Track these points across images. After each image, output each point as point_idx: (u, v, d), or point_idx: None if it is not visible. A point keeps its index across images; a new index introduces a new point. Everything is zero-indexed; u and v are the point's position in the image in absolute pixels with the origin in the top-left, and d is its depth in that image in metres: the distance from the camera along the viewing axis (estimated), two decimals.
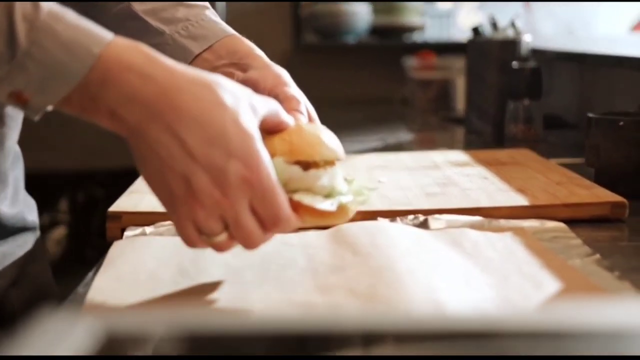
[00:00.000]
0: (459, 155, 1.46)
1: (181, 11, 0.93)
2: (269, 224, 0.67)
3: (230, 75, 0.85)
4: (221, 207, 0.64)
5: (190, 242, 0.67)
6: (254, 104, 0.67)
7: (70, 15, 0.62)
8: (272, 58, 0.91)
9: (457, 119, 2.15)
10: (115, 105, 0.62)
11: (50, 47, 0.60)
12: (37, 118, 0.64)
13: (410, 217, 0.99)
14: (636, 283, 0.75)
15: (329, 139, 0.76)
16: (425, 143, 1.90)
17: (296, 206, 0.72)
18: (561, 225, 0.97)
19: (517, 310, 0.68)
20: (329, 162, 0.75)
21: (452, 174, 1.29)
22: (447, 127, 2.16)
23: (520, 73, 1.72)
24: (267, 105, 0.71)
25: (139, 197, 1.11)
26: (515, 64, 1.73)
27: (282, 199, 0.67)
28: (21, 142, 1.00)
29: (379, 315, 0.44)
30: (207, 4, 0.97)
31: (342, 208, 0.76)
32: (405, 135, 2.05)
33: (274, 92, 0.83)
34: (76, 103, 0.62)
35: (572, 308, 0.45)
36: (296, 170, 0.72)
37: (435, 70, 2.43)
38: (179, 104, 0.62)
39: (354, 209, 0.78)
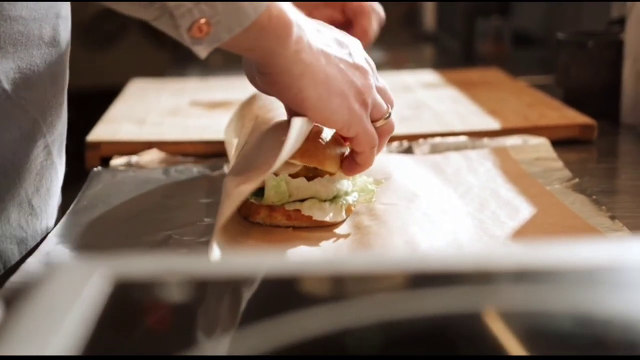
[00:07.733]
0: (429, 76, 1.48)
1: None
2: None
3: None
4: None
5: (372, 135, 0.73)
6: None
7: None
8: None
9: (427, 36, 2.16)
10: (267, 51, 0.69)
11: None
12: (205, 55, 0.66)
13: (395, 144, 1.01)
14: (608, 206, 0.78)
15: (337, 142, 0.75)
16: (396, 61, 1.90)
17: (302, 217, 0.73)
18: (543, 141, 0.99)
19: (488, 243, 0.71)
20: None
21: (423, 96, 1.31)
22: (416, 44, 2.16)
23: None
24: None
25: (116, 125, 1.11)
26: None
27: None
28: None
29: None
30: None
31: (347, 209, 0.76)
32: (375, 53, 2.05)
33: None
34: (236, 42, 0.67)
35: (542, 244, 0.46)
36: (301, 181, 0.73)
37: None
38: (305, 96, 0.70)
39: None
